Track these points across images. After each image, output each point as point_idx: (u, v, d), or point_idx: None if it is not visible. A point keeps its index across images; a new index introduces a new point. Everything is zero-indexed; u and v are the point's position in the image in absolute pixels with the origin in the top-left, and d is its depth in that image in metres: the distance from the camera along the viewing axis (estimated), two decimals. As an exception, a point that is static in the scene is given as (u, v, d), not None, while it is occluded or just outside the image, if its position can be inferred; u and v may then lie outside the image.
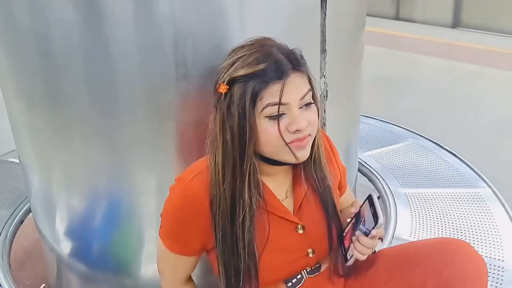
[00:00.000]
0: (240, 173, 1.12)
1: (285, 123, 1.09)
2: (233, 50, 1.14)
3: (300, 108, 1.10)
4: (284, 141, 1.09)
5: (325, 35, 1.51)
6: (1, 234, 2.05)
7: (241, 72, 1.07)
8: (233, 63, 1.10)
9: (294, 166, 1.23)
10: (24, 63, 1.49)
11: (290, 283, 1.27)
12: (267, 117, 1.08)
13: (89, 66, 1.36)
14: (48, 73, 1.45)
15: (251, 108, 1.07)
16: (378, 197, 1.37)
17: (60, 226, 1.75)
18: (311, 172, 1.22)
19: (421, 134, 2.71)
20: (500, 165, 3.01)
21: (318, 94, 1.19)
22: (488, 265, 1.74)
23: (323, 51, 1.52)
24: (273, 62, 1.07)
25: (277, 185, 1.24)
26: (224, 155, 1.12)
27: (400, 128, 2.80)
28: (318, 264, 1.31)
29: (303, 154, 1.13)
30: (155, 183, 1.54)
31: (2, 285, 1.78)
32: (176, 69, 1.33)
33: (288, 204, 1.25)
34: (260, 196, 1.16)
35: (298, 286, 1.28)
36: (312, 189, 1.25)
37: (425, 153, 2.52)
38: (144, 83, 1.36)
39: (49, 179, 1.70)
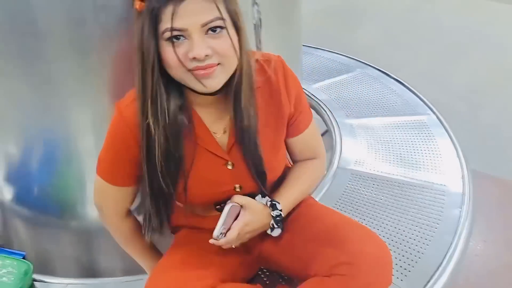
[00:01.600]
0: (153, 99, 1.08)
1: (185, 48, 1.02)
2: None
3: (205, 34, 1.02)
4: (185, 67, 1.03)
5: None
6: None
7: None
8: None
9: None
10: None
11: (219, 206, 1.27)
12: (166, 40, 1.02)
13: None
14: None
15: (151, 29, 1.02)
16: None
17: (-2, 171, 1.70)
18: (238, 116, 1.15)
19: (369, 63, 2.70)
20: (447, 91, 3.06)
21: (242, 22, 1.08)
22: (430, 190, 1.81)
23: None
24: None
25: (214, 117, 1.20)
26: (138, 79, 1.08)
27: (348, 59, 2.78)
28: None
29: (210, 83, 1.06)
30: (89, 119, 1.49)
31: None
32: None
33: (223, 138, 1.21)
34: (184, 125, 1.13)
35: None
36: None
37: (372, 83, 2.53)
38: (63, 14, 1.29)
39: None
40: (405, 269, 1.47)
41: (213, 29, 1.02)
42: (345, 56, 2.81)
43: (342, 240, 1.16)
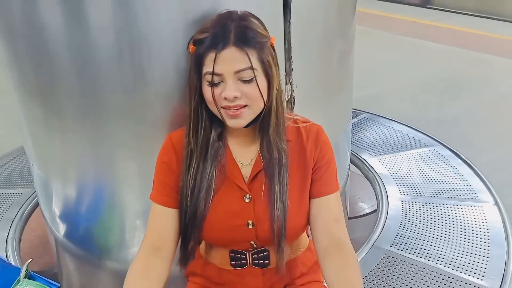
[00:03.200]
0: (195, 122, 1.27)
1: (220, 89, 1.20)
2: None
3: (238, 80, 1.19)
4: (216, 105, 1.22)
5: (290, 43, 1.53)
6: (20, 210, 2.27)
7: (195, 36, 1.24)
8: (198, 29, 1.26)
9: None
10: (19, 58, 1.65)
11: (234, 263, 1.37)
12: (207, 82, 1.21)
13: (73, 62, 1.50)
14: (38, 70, 1.59)
15: (196, 70, 1.22)
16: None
17: (55, 209, 1.92)
18: (265, 146, 1.29)
19: (441, 141, 2.61)
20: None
21: (273, 70, 1.23)
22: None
23: (289, 58, 1.55)
24: (215, 33, 1.19)
25: (243, 149, 1.33)
26: (187, 106, 1.28)
27: (422, 134, 2.71)
28: (265, 252, 1.36)
29: (238, 122, 1.23)
30: (135, 173, 1.65)
31: (7, 255, 1.98)
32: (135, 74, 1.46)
33: (247, 170, 1.32)
34: (217, 155, 1.29)
35: (241, 267, 1.37)
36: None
37: (438, 162, 2.44)
38: (121, 86, 1.49)
39: (45, 168, 1.87)
40: None
41: (245, 80, 1.20)
42: (419, 131, 2.75)
43: None
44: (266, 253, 1.36)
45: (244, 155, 1.33)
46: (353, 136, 2.71)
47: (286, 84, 1.59)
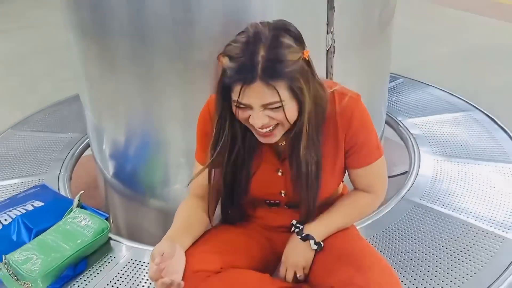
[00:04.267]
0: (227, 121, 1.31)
1: (248, 113, 1.23)
2: (244, 30, 1.23)
3: (265, 109, 1.21)
4: (248, 126, 1.27)
5: (333, -8, 1.60)
6: (70, 152, 2.43)
7: (223, 60, 1.21)
8: (228, 45, 1.22)
9: None
10: (76, 2, 1.80)
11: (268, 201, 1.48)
12: (235, 104, 1.23)
13: (127, 4, 1.62)
14: (94, 12, 1.72)
15: (225, 93, 1.24)
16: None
17: (105, 151, 2.07)
18: (294, 158, 1.34)
19: (477, 106, 2.64)
20: None
21: (305, 94, 1.22)
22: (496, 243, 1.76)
23: (331, 7, 1.62)
24: (242, 64, 1.17)
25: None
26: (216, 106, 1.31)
27: (458, 99, 2.74)
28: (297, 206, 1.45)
29: (269, 141, 1.30)
30: (179, 112, 1.77)
31: (59, 190, 2.14)
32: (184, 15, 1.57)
33: (282, 148, 1.40)
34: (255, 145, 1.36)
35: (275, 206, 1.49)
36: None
37: (473, 125, 2.47)
38: (170, 27, 1.60)
39: (97, 112, 2.02)
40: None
41: (272, 108, 1.21)
42: (455, 96, 2.77)
43: (361, 265, 1.29)
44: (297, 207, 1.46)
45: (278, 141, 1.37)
46: (389, 99, 2.75)
47: (327, 33, 1.66)
